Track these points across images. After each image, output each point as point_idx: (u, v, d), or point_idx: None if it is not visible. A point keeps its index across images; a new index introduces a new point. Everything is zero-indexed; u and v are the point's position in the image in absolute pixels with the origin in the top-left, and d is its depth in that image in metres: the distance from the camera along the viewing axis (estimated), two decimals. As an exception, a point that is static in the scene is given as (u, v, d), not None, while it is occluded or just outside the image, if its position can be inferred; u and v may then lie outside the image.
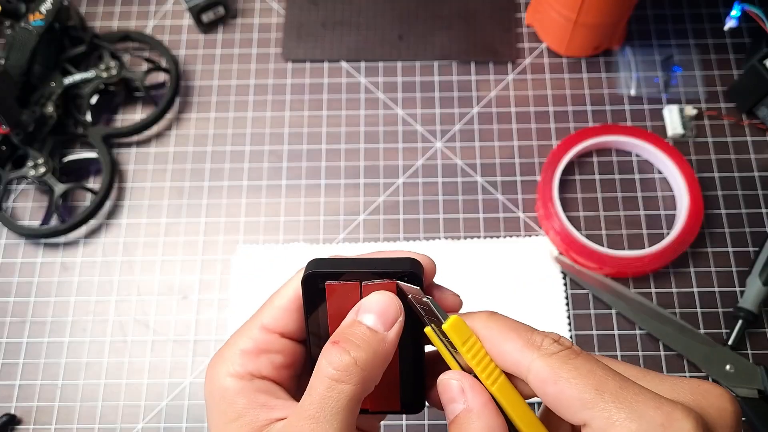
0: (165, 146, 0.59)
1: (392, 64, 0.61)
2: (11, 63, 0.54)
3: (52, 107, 0.56)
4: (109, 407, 0.51)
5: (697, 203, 0.52)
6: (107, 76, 0.57)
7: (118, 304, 0.54)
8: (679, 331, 0.50)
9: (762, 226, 0.54)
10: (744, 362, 0.49)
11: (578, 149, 0.55)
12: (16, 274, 0.55)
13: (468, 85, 0.60)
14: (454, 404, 0.26)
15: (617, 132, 0.56)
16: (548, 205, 0.53)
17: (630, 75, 0.59)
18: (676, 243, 0.51)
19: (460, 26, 0.62)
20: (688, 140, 0.57)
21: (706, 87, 0.59)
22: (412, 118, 0.59)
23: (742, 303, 0.51)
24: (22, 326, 0.53)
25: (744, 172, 0.56)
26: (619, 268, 0.51)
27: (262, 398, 0.26)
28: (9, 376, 0.52)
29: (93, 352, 0.52)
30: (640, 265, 0.51)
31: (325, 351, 0.25)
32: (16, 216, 0.57)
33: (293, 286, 0.28)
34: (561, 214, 0.53)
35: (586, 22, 0.55)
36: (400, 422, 0.49)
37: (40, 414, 0.51)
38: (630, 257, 0.51)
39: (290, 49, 0.62)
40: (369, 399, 0.27)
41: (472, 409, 0.25)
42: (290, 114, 0.60)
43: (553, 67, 0.60)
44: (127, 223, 0.56)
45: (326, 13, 0.63)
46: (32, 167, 0.54)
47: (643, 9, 0.62)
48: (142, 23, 0.63)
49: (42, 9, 0.56)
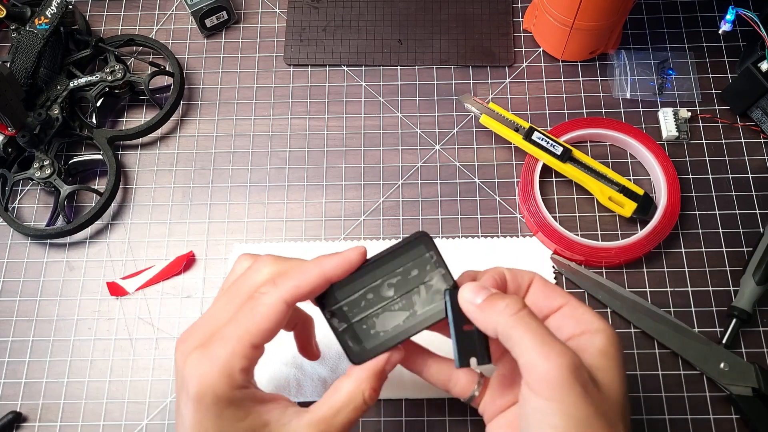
0: (169, 148, 0.60)
1: (392, 69, 0.62)
2: (17, 66, 0.55)
3: (57, 110, 0.56)
4: (113, 405, 0.51)
5: (673, 202, 0.54)
6: (112, 79, 0.58)
7: (123, 303, 0.54)
8: (674, 330, 0.51)
9: (756, 226, 0.55)
10: (738, 360, 0.50)
11: (564, 140, 0.57)
12: (22, 274, 0.56)
13: (466, 89, 0.61)
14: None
15: (595, 125, 0.58)
16: (527, 187, 0.55)
17: (625, 78, 0.60)
18: (645, 240, 0.53)
19: (459, 31, 0.63)
20: (683, 142, 0.58)
21: (701, 90, 0.60)
22: (412, 121, 0.60)
23: (737, 302, 0.51)
24: (28, 325, 0.54)
25: (738, 174, 0.57)
26: (589, 256, 0.53)
27: (252, 393, 0.33)
28: (15, 374, 0.53)
29: (98, 350, 0.53)
30: (608, 256, 0.53)
31: (365, 389, 0.35)
32: (22, 217, 0.58)
33: (278, 310, 0.32)
34: (538, 197, 0.55)
35: (582, 27, 0.56)
36: (401, 420, 0.50)
37: (46, 411, 0.51)
38: (599, 247, 0.53)
39: (292, 54, 0.63)
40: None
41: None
42: (293, 117, 0.61)
43: (550, 71, 0.61)
44: (131, 224, 0.57)
45: (327, 17, 0.64)
46: (38, 169, 0.55)
47: (638, 13, 0.63)
48: (146, 27, 0.64)
49: (47, 13, 0.57)
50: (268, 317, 0.32)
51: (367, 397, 0.34)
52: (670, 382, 0.51)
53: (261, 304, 0.32)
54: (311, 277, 0.33)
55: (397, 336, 0.35)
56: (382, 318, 0.35)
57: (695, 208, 0.56)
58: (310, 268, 0.33)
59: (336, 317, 0.35)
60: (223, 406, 0.31)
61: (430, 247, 0.35)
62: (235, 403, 0.31)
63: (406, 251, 0.35)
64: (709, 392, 0.50)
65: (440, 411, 0.50)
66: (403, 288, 0.35)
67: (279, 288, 0.32)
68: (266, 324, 0.32)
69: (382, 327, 0.35)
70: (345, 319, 0.35)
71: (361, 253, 0.35)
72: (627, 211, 0.54)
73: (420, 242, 0.35)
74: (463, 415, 0.50)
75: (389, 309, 0.35)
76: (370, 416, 0.50)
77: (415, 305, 0.35)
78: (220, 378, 0.31)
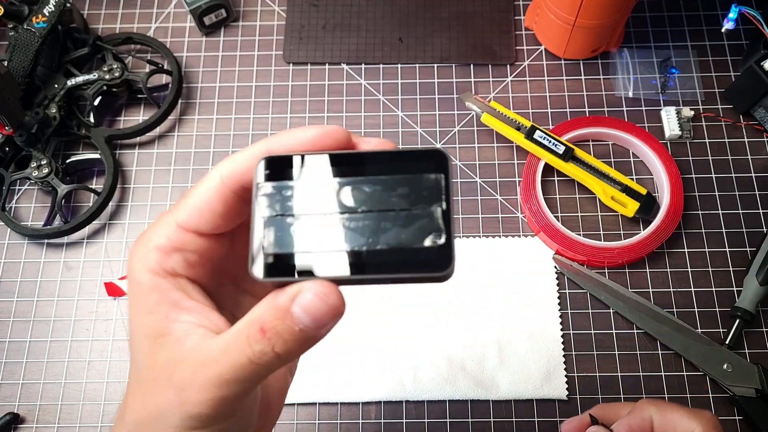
0: (167, 147, 0.59)
1: (392, 67, 0.62)
2: (15, 65, 0.55)
3: (55, 109, 0.56)
4: (111, 406, 0.51)
5: (676, 201, 0.53)
6: (110, 77, 0.58)
7: (120, 303, 0.54)
8: (677, 331, 0.51)
9: (759, 226, 0.55)
10: (741, 361, 0.50)
11: (566, 139, 0.56)
12: (19, 274, 0.55)
13: (467, 87, 0.60)
14: None
15: (598, 124, 0.57)
16: (529, 187, 0.55)
17: (628, 77, 0.60)
18: (648, 239, 0.53)
19: (460, 29, 0.62)
20: (686, 141, 0.57)
21: (704, 89, 0.59)
22: (413, 119, 0.59)
23: (740, 303, 0.51)
24: (25, 326, 0.54)
25: (741, 173, 0.56)
26: (591, 256, 0.52)
27: (175, 295, 0.26)
28: (12, 375, 0.52)
29: (96, 351, 0.53)
30: (610, 256, 0.52)
31: (250, 335, 0.23)
32: (19, 216, 0.57)
33: (211, 185, 0.26)
34: (540, 196, 0.54)
35: (584, 25, 0.55)
36: (401, 421, 0.50)
37: (43, 413, 0.51)
38: (601, 247, 0.53)
39: (291, 52, 0.62)
40: None
41: None
42: (292, 116, 0.60)
43: (552, 70, 0.61)
44: (129, 224, 0.57)
45: (327, 15, 0.63)
46: (35, 168, 0.54)
47: (640, 11, 0.62)
48: (144, 25, 0.64)
49: (45, 11, 0.56)
50: (197, 193, 0.26)
51: (253, 352, 0.23)
52: (673, 383, 0.50)
53: (196, 185, 0.27)
54: (255, 152, 0.26)
55: (334, 265, 0.22)
56: (326, 229, 0.23)
57: (698, 207, 0.55)
58: (259, 143, 0.26)
59: (268, 198, 0.24)
60: (140, 291, 0.26)
61: (442, 168, 0.23)
62: (147, 289, 0.26)
63: (407, 161, 0.24)
64: (712, 393, 0.50)
65: (441, 412, 0.50)
66: (375, 202, 0.23)
67: (218, 165, 0.27)
68: (193, 200, 0.26)
69: (320, 243, 0.23)
70: (279, 207, 0.24)
71: (337, 137, 0.26)
72: (630, 211, 0.53)
73: (432, 158, 0.23)
74: (464, 416, 0.50)
75: (342, 223, 0.23)
76: (370, 418, 0.50)
77: (381, 234, 0.23)
78: (137, 257, 0.26)
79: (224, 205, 0.26)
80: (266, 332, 0.23)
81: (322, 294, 0.22)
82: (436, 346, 0.51)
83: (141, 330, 0.26)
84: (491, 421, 0.50)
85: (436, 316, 0.52)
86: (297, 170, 0.24)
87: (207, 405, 0.24)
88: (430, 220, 0.22)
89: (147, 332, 0.25)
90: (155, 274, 0.26)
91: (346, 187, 0.23)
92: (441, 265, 0.22)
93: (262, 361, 0.23)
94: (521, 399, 0.50)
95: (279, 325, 0.23)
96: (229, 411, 0.24)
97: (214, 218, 0.26)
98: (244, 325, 0.23)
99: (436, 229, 0.22)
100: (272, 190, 0.24)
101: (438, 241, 0.22)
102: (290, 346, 0.23)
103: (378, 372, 0.51)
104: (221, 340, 0.24)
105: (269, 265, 0.23)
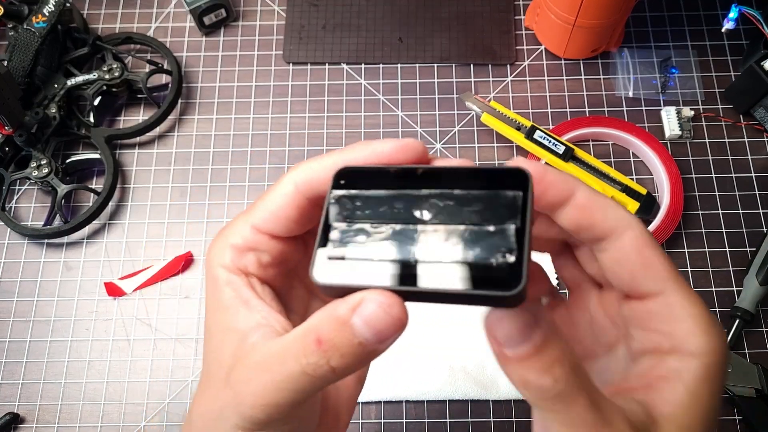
0: (167, 147, 0.59)
1: (392, 66, 0.62)
2: (14, 65, 0.55)
3: (55, 108, 0.56)
4: (111, 406, 0.51)
5: (676, 201, 0.53)
6: (110, 77, 0.58)
7: (120, 303, 0.54)
8: (677, 331, 0.51)
9: (759, 226, 0.55)
10: (741, 361, 0.50)
11: (566, 138, 0.56)
12: (19, 274, 0.55)
13: (467, 87, 0.60)
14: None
15: (598, 124, 0.57)
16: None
17: (628, 77, 0.60)
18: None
19: (460, 29, 0.62)
20: (686, 141, 0.57)
21: (704, 88, 0.59)
22: (413, 119, 0.59)
23: (740, 303, 0.51)
24: (25, 326, 0.54)
25: (741, 173, 0.56)
26: None
27: (246, 293, 0.26)
28: (12, 375, 0.52)
29: (96, 351, 0.53)
30: None
31: (306, 346, 0.22)
32: (19, 216, 0.57)
33: (284, 191, 0.27)
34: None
35: (584, 25, 0.55)
36: (401, 421, 0.50)
37: (43, 413, 0.51)
38: None
39: (291, 52, 0.62)
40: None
41: None
42: (292, 115, 0.60)
43: (552, 69, 0.61)
44: (129, 224, 0.57)
45: (327, 15, 0.63)
46: (35, 168, 0.54)
47: (641, 11, 0.62)
48: (144, 25, 0.64)
49: (45, 11, 0.56)
50: (272, 198, 0.27)
51: (308, 363, 0.22)
52: (673, 384, 0.50)
53: (271, 189, 0.28)
54: (330, 162, 0.26)
55: (399, 276, 0.21)
56: (394, 240, 0.22)
57: (698, 207, 0.55)
58: (335, 154, 0.26)
59: (339, 206, 0.24)
60: (215, 287, 0.27)
61: (522, 187, 0.22)
62: (222, 284, 0.27)
63: (486, 178, 0.23)
64: (712, 393, 0.50)
65: (441, 413, 0.50)
66: (448, 217, 0.22)
67: (292, 171, 0.27)
68: (268, 204, 0.27)
69: (386, 252, 0.22)
70: (349, 215, 0.24)
71: (414, 150, 0.25)
72: (630, 211, 0.53)
73: (513, 176, 0.22)
74: (464, 416, 0.50)
75: (411, 235, 0.22)
76: (370, 418, 0.50)
77: (449, 248, 0.22)
78: (213, 253, 0.28)
79: (297, 210, 0.27)
80: (323, 344, 0.22)
81: (386, 305, 0.21)
82: (437, 347, 0.51)
83: (214, 325, 0.26)
84: (491, 421, 0.50)
85: (436, 316, 0.52)
86: (371, 181, 0.24)
87: (259, 409, 0.23)
88: (502, 237, 0.21)
89: (219, 327, 0.26)
90: (229, 271, 0.27)
91: (419, 199, 0.23)
92: (509, 285, 0.20)
93: (316, 373, 0.22)
94: (521, 399, 0.50)
95: (337, 338, 0.22)
96: (284, 417, 0.24)
97: (287, 222, 0.27)
98: (300, 333, 0.22)
99: (507, 247, 0.21)
100: (344, 200, 0.24)
101: (508, 259, 0.21)
102: (347, 361, 0.22)
103: (378, 372, 0.51)
104: (279, 344, 0.23)
105: (330, 270, 0.22)
